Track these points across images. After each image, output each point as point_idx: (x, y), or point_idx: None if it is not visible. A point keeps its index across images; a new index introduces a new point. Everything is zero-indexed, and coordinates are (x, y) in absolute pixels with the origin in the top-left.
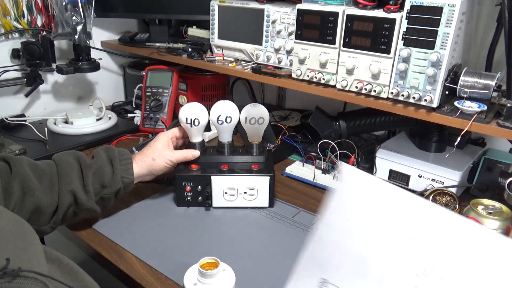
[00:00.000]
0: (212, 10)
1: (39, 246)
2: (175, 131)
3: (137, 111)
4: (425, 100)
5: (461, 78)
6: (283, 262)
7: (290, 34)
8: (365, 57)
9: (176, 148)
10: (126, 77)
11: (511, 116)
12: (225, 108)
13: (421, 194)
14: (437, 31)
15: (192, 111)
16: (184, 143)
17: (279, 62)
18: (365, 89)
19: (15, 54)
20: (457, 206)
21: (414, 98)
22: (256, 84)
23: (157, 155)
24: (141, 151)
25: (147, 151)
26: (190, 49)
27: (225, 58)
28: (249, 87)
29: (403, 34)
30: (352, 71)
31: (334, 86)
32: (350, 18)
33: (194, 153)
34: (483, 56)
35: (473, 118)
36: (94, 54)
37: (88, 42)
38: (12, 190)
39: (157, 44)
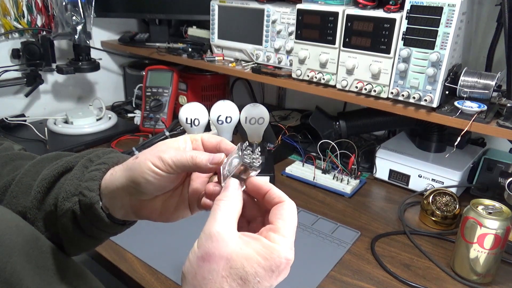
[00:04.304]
0: (212, 10)
1: None
2: (205, 135)
3: (137, 111)
4: (425, 100)
5: (461, 78)
6: None
7: (290, 34)
8: (365, 57)
9: None
10: (126, 77)
11: (511, 116)
12: (225, 108)
13: (421, 194)
14: (437, 31)
15: (192, 111)
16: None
17: (279, 62)
18: (365, 89)
19: (15, 54)
20: (457, 206)
21: (414, 98)
22: (256, 84)
23: (146, 151)
24: None
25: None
26: (190, 49)
27: (225, 58)
28: (249, 87)
29: (403, 34)
30: (352, 71)
31: (334, 86)
32: (350, 18)
33: (212, 158)
34: (483, 56)
35: (473, 118)
36: (94, 54)
37: (88, 42)
38: None
39: (157, 44)
